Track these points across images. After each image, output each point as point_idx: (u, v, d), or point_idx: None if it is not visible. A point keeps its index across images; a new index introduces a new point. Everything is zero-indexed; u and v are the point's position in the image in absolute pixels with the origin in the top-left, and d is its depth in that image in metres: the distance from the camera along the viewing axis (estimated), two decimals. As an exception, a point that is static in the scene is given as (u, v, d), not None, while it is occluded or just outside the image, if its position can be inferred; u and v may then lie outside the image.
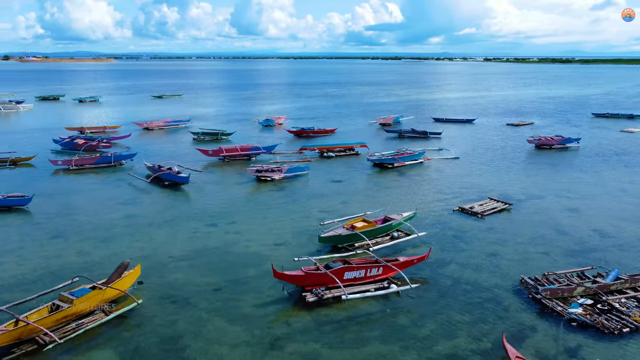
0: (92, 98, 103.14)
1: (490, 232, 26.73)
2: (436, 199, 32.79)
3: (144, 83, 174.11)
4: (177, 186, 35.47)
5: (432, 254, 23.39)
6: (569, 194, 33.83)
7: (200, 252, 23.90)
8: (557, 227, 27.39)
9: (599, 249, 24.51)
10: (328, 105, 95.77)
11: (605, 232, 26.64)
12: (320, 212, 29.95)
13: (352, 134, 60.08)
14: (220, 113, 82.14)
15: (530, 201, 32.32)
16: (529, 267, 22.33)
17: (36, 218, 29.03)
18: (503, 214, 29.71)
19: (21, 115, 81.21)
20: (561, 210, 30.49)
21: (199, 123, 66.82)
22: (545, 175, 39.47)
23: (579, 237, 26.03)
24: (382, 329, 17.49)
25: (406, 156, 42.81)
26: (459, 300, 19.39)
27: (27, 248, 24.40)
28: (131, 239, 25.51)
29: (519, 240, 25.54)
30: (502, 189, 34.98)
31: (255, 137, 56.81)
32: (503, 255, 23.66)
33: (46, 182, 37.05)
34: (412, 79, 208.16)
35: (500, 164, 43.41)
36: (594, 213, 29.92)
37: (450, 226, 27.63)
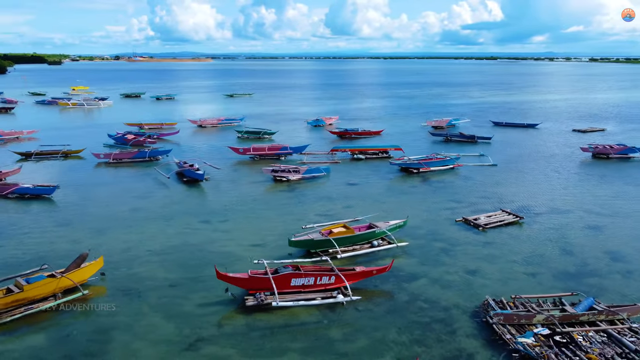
0: (168, 96, 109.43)
1: (483, 247, 24.80)
2: (445, 207, 31.00)
3: (227, 82, 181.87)
4: (196, 182, 36.58)
5: (407, 266, 22.38)
6: (601, 210, 30.47)
7: (178, 248, 24.48)
8: (564, 247, 24.80)
9: (601, 274, 21.86)
10: (391, 106, 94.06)
11: (617, 256, 23.72)
12: (318, 215, 29.50)
13: (399, 136, 58.50)
14: (279, 112, 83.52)
15: (549, 215, 29.54)
16: (507, 288, 20.42)
17: (53, 206, 31.39)
18: (509, 228, 27.44)
19: (101, 110, 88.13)
20: (581, 227, 27.55)
21: (253, 121, 68.54)
22: (586, 187, 35.88)
23: (582, 259, 23.37)
24: (309, 340, 16.90)
25: (435, 161, 40.87)
26: (406, 318, 18.21)
27: (31, 233, 26.45)
28: (122, 232, 26.72)
29: (511, 258, 23.46)
30: (526, 201, 32.33)
31: (297, 137, 57.15)
32: (484, 274, 21.85)
33: (82, 174, 39.92)
34: (498, 81, 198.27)
35: (541, 173, 40.10)
36: (616, 234, 26.71)
37: (443, 238, 26.02)
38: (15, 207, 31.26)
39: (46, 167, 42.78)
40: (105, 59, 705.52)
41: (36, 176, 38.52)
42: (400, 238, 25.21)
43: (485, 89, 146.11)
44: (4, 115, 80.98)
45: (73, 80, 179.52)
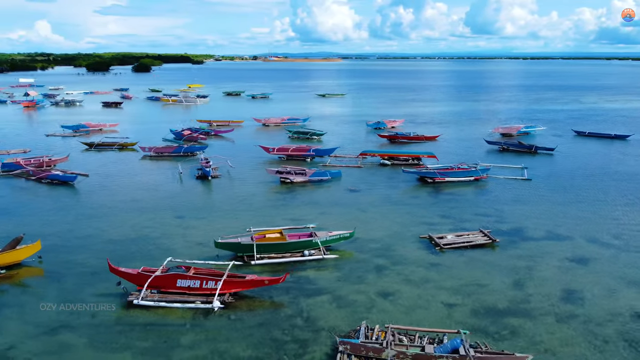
0: (263, 94, 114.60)
1: (423, 268, 22.70)
2: (425, 222, 28.73)
3: (342, 82, 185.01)
4: (205, 178, 38.23)
5: (320, 280, 21.61)
6: (610, 241, 25.99)
7: (131, 240, 25.98)
8: (516, 279, 21.72)
9: (530, 315, 18.80)
10: (479, 110, 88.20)
11: (571, 301, 20.15)
12: (289, 219, 29.14)
13: (455, 142, 55.00)
14: (354, 113, 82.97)
15: (533, 242, 25.94)
16: (405, 316, 18.61)
17: (67, 191, 35.14)
18: (474, 251, 24.68)
19: (197, 107, 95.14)
20: (559, 259, 23.81)
21: (320, 121, 69.38)
22: (619, 215, 30.64)
23: (524, 296, 20.28)
24: (157, 342, 17.14)
25: (456, 171, 37.87)
26: (269, 334, 17.54)
27: (28, 214, 29.94)
28: (102, 221, 29.01)
29: (442, 284, 21.18)
30: (527, 223, 28.68)
31: (346, 139, 56.53)
32: (395, 298, 20.10)
33: (121, 164, 43.93)
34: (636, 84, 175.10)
35: (579, 193, 35.01)
36: (602, 269, 22.63)
37: (390, 254, 24.27)
38: (38, 189, 35.57)
39: (99, 156, 47.71)
40: (244, 59, 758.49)
41: (83, 164, 43.26)
42: (343, 250, 24.24)
43: (609, 93, 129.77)
44: (113, 109, 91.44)
45: (200, 78, 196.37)
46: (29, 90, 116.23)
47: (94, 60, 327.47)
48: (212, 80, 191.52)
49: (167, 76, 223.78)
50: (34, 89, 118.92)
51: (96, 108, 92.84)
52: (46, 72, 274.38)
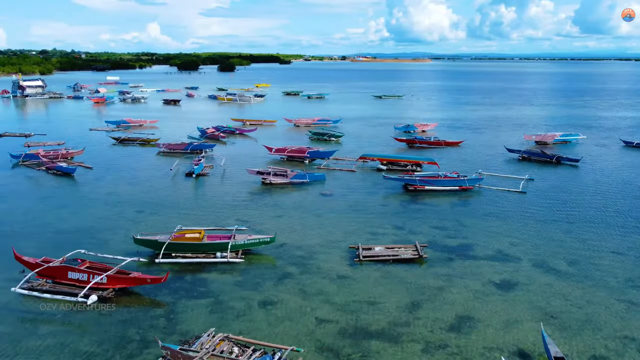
0: (319, 95, 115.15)
1: (324, 280, 21.84)
2: (370, 231, 27.52)
3: (416, 84, 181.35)
4: (191, 175, 39.35)
5: (209, 283, 21.59)
6: (560, 268, 23.33)
7: (78, 230, 27.53)
8: (416, 300, 20.24)
9: (395, 339, 17.46)
10: (532, 115, 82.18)
11: (468, 325, 18.40)
12: (238, 219, 29.32)
13: (477, 149, 51.86)
14: (396, 115, 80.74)
15: (470, 261, 23.95)
16: (257, 326, 18.10)
17: (62, 182, 37.95)
18: (393, 266, 23.31)
19: (251, 106, 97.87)
20: (484, 282, 21.80)
21: (351, 124, 68.73)
22: (593, 240, 27.33)
23: (410, 318, 18.86)
24: (12, 328, 18.00)
25: (440, 180, 35.80)
26: (119, 331, 17.88)
27: (7, 199, 32.73)
28: (67, 211, 31.07)
29: (329, 298, 20.29)
30: (479, 239, 26.56)
31: (364, 142, 55.39)
32: (271, 308, 19.56)
33: (129, 158, 46.46)
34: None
35: (570, 212, 31.56)
36: (523, 298, 20.39)
37: (302, 262, 23.62)
38: (40, 178, 38.75)
39: (118, 150, 50.75)
40: (333, 59, 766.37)
41: (98, 157, 46.38)
42: (265, 254, 24.14)
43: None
44: (171, 106, 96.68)
45: (278, 78, 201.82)
46: (99, 87, 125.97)
47: (188, 59, 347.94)
48: (288, 80, 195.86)
49: (247, 75, 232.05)
50: (104, 87, 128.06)
51: (157, 105, 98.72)
52: (143, 71, 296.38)
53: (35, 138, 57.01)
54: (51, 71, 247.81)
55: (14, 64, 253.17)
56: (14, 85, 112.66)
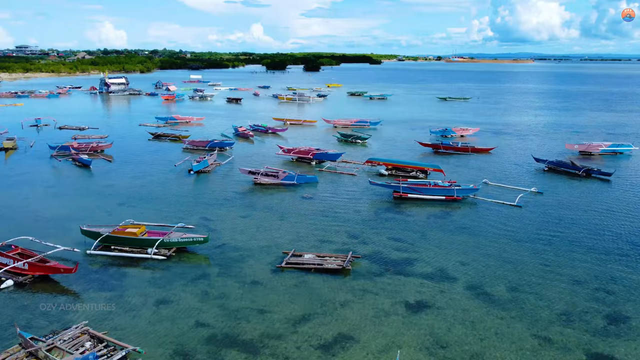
0: (381, 96, 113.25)
1: (235, 283, 21.68)
2: (320, 238, 26.73)
3: (497, 85, 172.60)
4: (191, 171, 40.67)
5: (124, 278, 22.18)
6: (496, 293, 21.17)
7: (49, 219, 29.63)
8: (307, 313, 19.43)
9: (251, 350, 16.94)
10: (588, 123, 74.45)
11: (341, 345, 17.41)
12: (197, 217, 29.97)
13: (506, 156, 48.18)
14: (446, 119, 77.21)
15: (399, 277, 22.47)
16: (131, 323, 18.42)
17: (74, 172, 41.01)
18: (313, 275, 22.50)
19: (310, 105, 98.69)
20: (397, 301, 20.37)
21: (391, 126, 67.08)
22: (556, 265, 24.36)
23: (283, 331, 18.13)
24: None
25: (428, 188, 33.84)
26: (11, 316, 19.06)
27: (20, 188, 36.01)
28: (54, 200, 33.58)
29: (222, 303, 20.10)
30: (425, 254, 24.86)
31: (391, 145, 53.75)
32: (156, 310, 19.79)
33: (149, 154, 48.91)
34: None
35: (557, 231, 28.37)
36: (426, 322, 18.80)
37: (230, 264, 23.62)
38: (62, 168, 42.18)
39: (147, 145, 53.69)
40: (427, 59, 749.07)
41: (125, 151, 49.52)
42: (199, 254, 24.61)
43: None
44: (233, 104, 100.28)
45: (360, 78, 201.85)
46: (162, 85, 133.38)
47: (280, 59, 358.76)
48: (366, 80, 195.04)
49: (328, 75, 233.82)
50: (174, 85, 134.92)
51: (221, 103, 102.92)
52: (234, 70, 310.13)
53: (89, 131, 61.93)
54: (151, 69, 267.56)
55: (121, 62, 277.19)
56: (101, 82, 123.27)
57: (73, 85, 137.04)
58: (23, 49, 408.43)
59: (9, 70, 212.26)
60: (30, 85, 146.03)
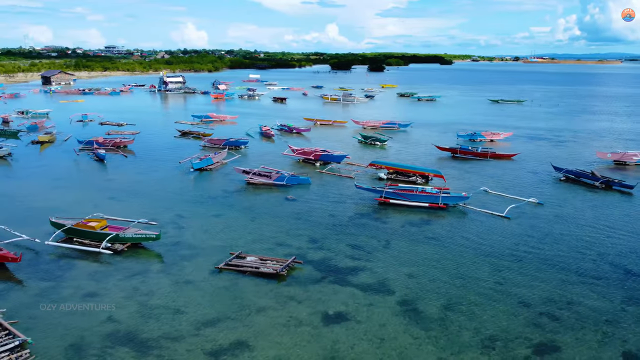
0: (430, 97, 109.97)
1: (164, 280, 21.87)
2: (279, 241, 26.36)
3: (570, 88, 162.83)
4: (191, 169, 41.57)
5: (64, 269, 23.06)
6: (429, 310, 19.90)
7: (39, 209, 31.22)
8: (221, 314, 19.18)
9: (138, 345, 16.98)
10: None
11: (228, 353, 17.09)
12: (173, 214, 30.56)
13: (527, 163, 45.06)
14: (491, 122, 73.57)
15: (334, 286, 21.68)
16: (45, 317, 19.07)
17: (91, 166, 43.02)
18: (247, 278, 22.21)
19: (354, 106, 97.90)
20: (319, 311, 19.64)
21: (420, 129, 65.13)
22: (512, 284, 22.40)
23: (169, 328, 18.02)
24: None
25: (412, 194, 32.44)
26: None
27: (29, 179, 38.48)
28: (56, 193, 35.59)
29: (142, 300, 20.30)
30: (375, 265, 23.80)
31: (403, 148, 52.08)
32: (80, 302, 20.35)
33: (167, 150, 50.49)
34: None
35: (545, 251, 26.22)
36: (335, 335, 18.00)
37: (174, 262, 23.89)
38: (81, 161, 44.68)
39: (171, 141, 55.45)
40: (504, 59, 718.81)
41: (147, 147, 51.50)
42: (152, 250, 25.20)
43: None
44: (278, 104, 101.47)
45: (424, 80, 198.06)
46: (220, 83, 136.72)
47: (346, 59, 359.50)
48: (428, 81, 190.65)
49: (389, 76, 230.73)
50: (223, 84, 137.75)
51: (267, 102, 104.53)
52: (299, 70, 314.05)
53: (127, 127, 65.07)
54: (219, 69, 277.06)
55: (193, 62, 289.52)
56: (160, 81, 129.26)
57: (138, 84, 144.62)
58: (111, 49, 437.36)
59: (89, 69, 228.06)
60: (102, 83, 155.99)
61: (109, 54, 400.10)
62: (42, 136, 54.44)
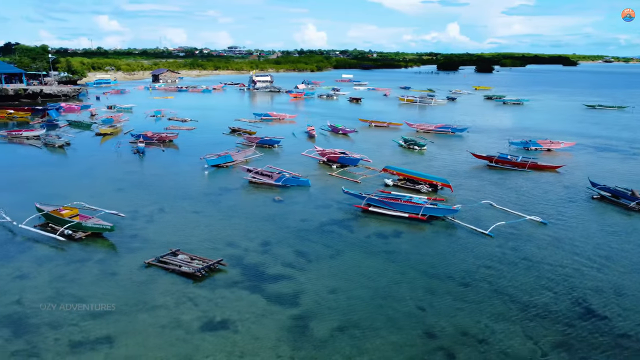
0: (516, 101, 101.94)
1: (85, 269, 22.78)
2: (230, 242, 26.29)
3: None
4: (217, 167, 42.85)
5: (21, 251, 25.04)
6: (339, 324, 18.71)
7: (45, 192, 34.40)
8: (116, 307, 19.64)
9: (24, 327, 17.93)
10: None
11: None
12: (155, 207, 31.85)
13: (573, 177, 39.93)
14: (570, 130, 66.34)
15: (239, 291, 21.04)
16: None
17: (126, 158, 46.23)
18: (168, 275, 22.39)
19: (430, 108, 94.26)
20: (201, 320, 19.32)
21: (478, 135, 60.90)
22: (443, 305, 19.98)
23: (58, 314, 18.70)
24: None
25: (396, 203, 30.41)
26: None
27: (66, 166, 42.39)
28: (72, 182, 38.71)
29: (34, 286, 21.39)
30: (299, 275, 22.74)
31: (442, 154, 48.87)
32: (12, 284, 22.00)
33: (207, 146, 52.31)
34: None
35: (514, 276, 23.22)
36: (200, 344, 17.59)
37: (114, 252, 24.83)
38: (122, 152, 48.08)
39: (216, 137, 57.44)
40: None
41: (190, 142, 54.12)
42: (109, 240, 26.42)
43: None
44: (353, 105, 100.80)
45: (525, 82, 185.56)
46: (309, 82, 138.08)
47: (449, 60, 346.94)
48: (531, 84, 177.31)
49: (497, 77, 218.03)
50: (307, 85, 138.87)
51: (343, 102, 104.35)
52: (404, 70, 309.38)
53: (191, 124, 68.85)
54: (322, 69, 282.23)
55: (301, 61, 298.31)
56: (250, 80, 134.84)
57: (233, 82, 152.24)
58: (233, 49, 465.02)
59: (201, 67, 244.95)
60: (204, 81, 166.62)
61: (231, 54, 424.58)
62: (103, 129, 59.53)
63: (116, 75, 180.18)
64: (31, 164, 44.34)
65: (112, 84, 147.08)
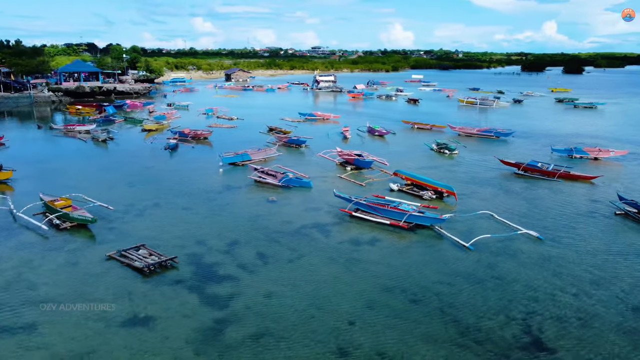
0: (589, 105, 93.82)
1: (50, 255, 23.94)
2: (200, 240, 26.57)
3: None
4: (233, 166, 43.55)
5: (9, 237, 26.92)
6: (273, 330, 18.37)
7: (60, 182, 36.74)
8: (72, 297, 20.52)
9: None
10: None
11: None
12: (151, 202, 32.93)
13: (598, 188, 36.03)
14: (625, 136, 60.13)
15: (184, 291, 21.10)
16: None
17: (155, 154, 48.23)
18: (122, 269, 23.00)
19: (492, 110, 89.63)
20: (135, 315, 19.62)
21: (522, 140, 57.01)
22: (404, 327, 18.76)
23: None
24: None
25: (382, 208, 29.10)
26: None
27: (95, 159, 45.09)
28: (95, 175, 40.99)
29: (20, 266, 22.67)
30: (263, 281, 22.40)
31: (474, 159, 46.11)
32: None
33: (239, 144, 53.15)
34: None
35: (479, 288, 21.49)
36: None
37: (91, 242, 25.92)
38: (156, 148, 50.26)
39: (252, 136, 58.23)
40: None
41: (223, 140, 55.42)
42: (92, 231, 27.72)
43: None
44: (410, 105, 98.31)
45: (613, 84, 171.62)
46: (376, 83, 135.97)
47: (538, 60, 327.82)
48: (619, 86, 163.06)
49: (587, 79, 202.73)
50: (371, 85, 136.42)
51: (401, 103, 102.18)
52: (485, 71, 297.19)
53: (236, 122, 70.62)
54: (398, 69, 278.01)
55: (378, 61, 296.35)
56: (313, 80, 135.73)
57: (300, 82, 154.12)
58: (316, 50, 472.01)
59: (277, 67, 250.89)
60: (273, 81, 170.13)
61: (314, 54, 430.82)
62: (148, 125, 62.53)
63: (194, 75, 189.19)
64: (68, 156, 47.66)
65: (186, 82, 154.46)
